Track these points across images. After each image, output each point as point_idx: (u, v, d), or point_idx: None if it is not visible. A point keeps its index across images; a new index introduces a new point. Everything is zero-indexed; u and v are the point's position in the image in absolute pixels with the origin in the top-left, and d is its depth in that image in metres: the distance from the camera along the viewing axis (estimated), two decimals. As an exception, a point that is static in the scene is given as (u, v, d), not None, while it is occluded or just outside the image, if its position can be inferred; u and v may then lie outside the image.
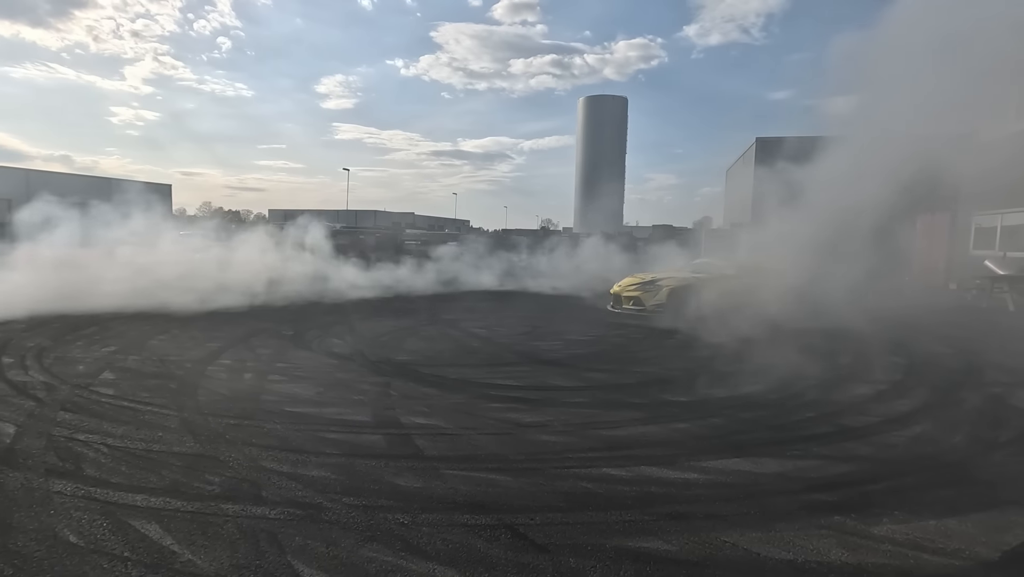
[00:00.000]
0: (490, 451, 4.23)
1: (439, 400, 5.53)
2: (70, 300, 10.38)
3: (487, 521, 3.13)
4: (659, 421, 4.99)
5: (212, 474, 3.69)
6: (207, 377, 6.12)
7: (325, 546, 2.86)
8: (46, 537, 2.87)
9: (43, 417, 4.69)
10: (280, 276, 14.62)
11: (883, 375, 6.57)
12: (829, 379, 6.39)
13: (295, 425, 4.65)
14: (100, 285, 11.23)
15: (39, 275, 11.21)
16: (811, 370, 6.59)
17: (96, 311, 10.16)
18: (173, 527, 3.01)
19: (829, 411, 5.30)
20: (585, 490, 3.56)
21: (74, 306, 10.18)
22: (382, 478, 3.69)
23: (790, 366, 6.59)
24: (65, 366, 6.45)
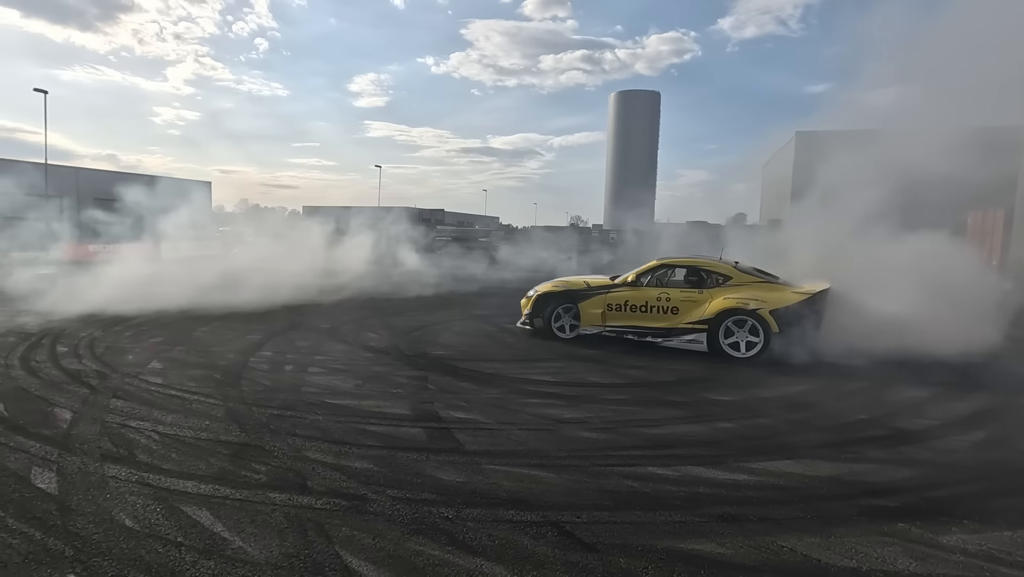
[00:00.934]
0: (530, 447, 4.17)
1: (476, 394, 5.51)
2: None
3: (532, 518, 3.08)
4: (702, 420, 4.86)
5: (258, 463, 3.73)
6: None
7: (372, 538, 2.85)
8: (103, 520, 2.95)
9: (97, 404, 4.84)
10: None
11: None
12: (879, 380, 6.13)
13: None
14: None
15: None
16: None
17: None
18: (223, 514, 3.05)
19: (880, 413, 5.08)
20: (631, 489, 3.48)
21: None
22: (424, 471, 3.67)
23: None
24: (118, 356, 6.66)
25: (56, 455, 3.75)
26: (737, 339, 7.12)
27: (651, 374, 6.51)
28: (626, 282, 7.98)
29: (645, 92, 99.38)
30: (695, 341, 7.35)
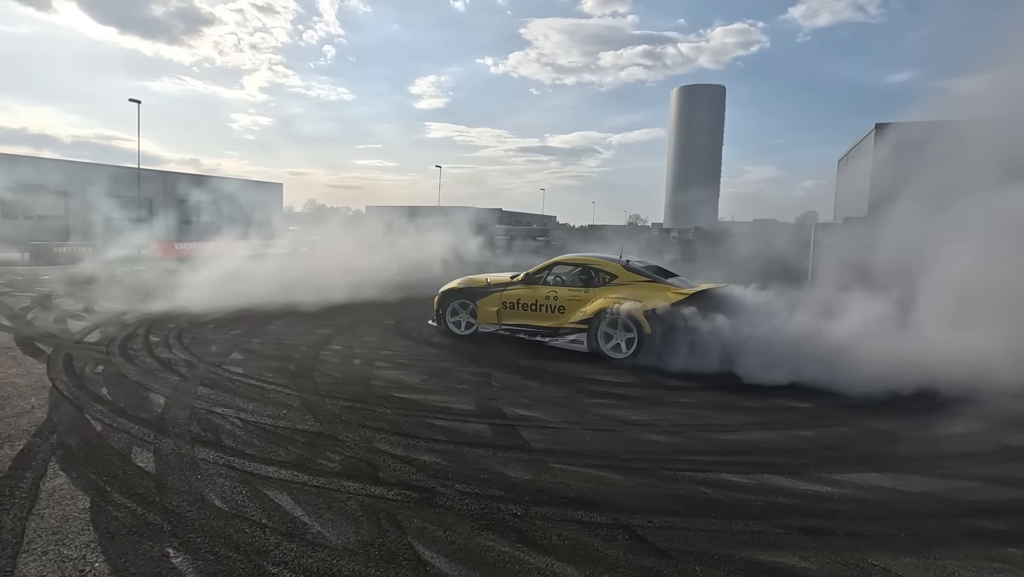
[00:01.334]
0: (596, 447, 4.11)
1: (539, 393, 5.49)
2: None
3: (602, 520, 3.03)
4: (777, 427, 4.63)
5: (332, 452, 3.88)
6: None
7: (443, 531, 2.89)
8: (195, 499, 3.14)
9: (186, 391, 5.19)
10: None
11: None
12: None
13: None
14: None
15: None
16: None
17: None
18: (302, 500, 3.18)
19: (980, 428, 4.66)
20: (704, 495, 3.35)
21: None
22: (491, 467, 3.69)
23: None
24: (203, 347, 7.12)
25: (152, 436, 4.04)
26: (617, 340, 6.84)
27: (720, 378, 6.26)
28: (521, 280, 7.85)
29: (709, 86, 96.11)
30: (577, 341, 7.23)
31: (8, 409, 4.55)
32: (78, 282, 14.12)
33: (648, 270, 7.46)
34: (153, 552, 2.63)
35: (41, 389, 5.10)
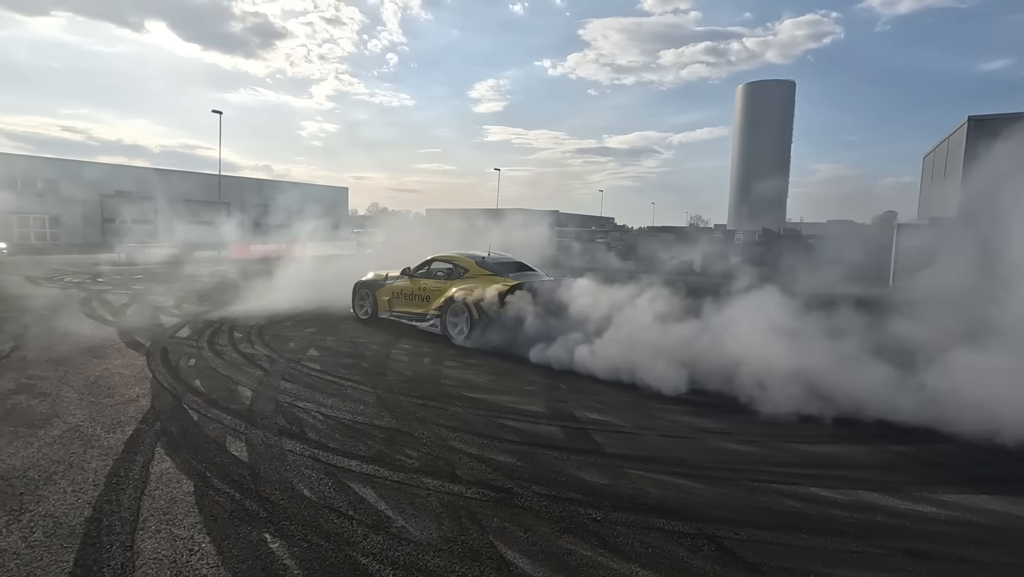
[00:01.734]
0: (673, 454, 4.01)
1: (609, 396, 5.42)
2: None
3: (685, 528, 2.94)
4: (870, 440, 4.35)
5: (410, 448, 3.97)
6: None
7: (523, 531, 2.90)
8: (286, 489, 3.30)
9: (270, 385, 5.47)
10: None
11: None
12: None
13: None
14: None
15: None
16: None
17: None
18: (385, 493, 3.28)
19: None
20: (792, 509, 3.20)
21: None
22: (566, 470, 3.67)
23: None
24: (282, 343, 7.50)
25: (243, 427, 4.28)
26: (458, 324, 7.83)
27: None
28: (406, 275, 9.02)
29: (777, 82, 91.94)
30: (434, 325, 8.27)
31: (116, 397, 4.95)
32: (167, 281, 15.21)
33: (498, 265, 8.46)
34: (252, 536, 2.78)
35: (143, 380, 5.52)
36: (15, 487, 3.23)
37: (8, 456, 3.65)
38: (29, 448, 3.79)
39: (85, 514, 2.93)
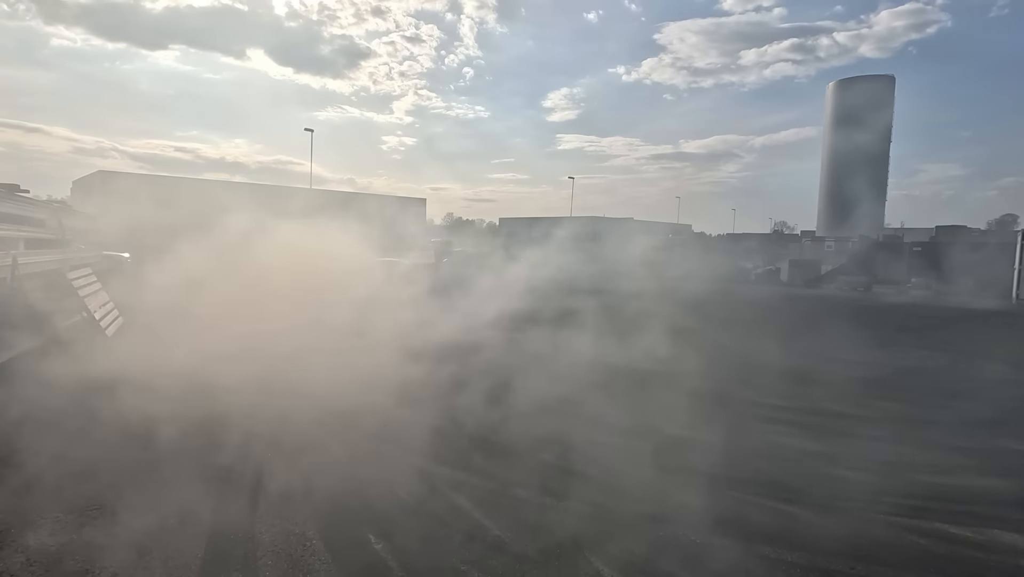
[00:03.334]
0: (773, 478, 3.78)
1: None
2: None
3: (794, 559, 2.77)
4: (1003, 474, 3.90)
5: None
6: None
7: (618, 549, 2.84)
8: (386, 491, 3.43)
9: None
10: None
11: None
12: None
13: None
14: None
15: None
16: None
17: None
18: (474, 497, 3.33)
19: None
20: (918, 546, 2.92)
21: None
22: (661, 489, 3.56)
23: None
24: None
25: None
26: None
27: (911, 408, 5.48)
28: None
29: (874, 77, 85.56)
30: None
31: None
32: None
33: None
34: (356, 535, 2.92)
35: (251, 380, 5.94)
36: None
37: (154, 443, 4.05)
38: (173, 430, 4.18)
39: (211, 504, 3.19)
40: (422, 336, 7.24)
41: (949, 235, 28.16)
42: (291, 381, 5.08)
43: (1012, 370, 7.38)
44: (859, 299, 17.72)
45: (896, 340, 9.82)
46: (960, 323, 12.31)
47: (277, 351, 5.62)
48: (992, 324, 12.27)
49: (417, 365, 5.93)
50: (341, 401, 4.77)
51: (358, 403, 4.77)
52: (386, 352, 6.16)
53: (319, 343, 6.00)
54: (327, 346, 5.99)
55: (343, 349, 6.07)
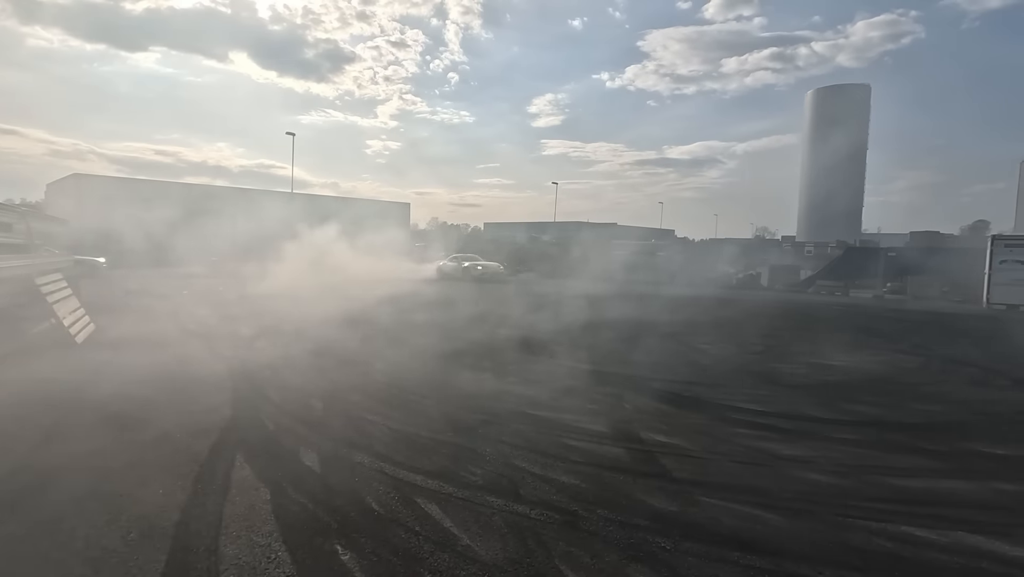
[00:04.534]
0: (747, 482, 3.81)
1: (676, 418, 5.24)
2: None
3: (763, 564, 2.78)
4: (970, 477, 3.97)
5: (474, 465, 3.98)
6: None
7: (590, 557, 2.83)
8: (356, 502, 3.39)
9: (339, 398, 5.66)
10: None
11: None
12: None
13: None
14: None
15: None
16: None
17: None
18: (450, 510, 3.30)
19: None
20: (884, 549, 2.95)
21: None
22: (633, 494, 3.57)
23: None
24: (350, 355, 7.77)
25: (315, 438, 4.44)
26: None
27: (887, 412, 5.56)
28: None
29: (850, 86, 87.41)
30: None
31: (201, 404, 5.26)
32: (244, 292, 16.15)
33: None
34: (325, 547, 2.87)
35: (224, 389, 5.85)
36: (116, 488, 3.48)
37: (109, 458, 3.96)
38: (127, 452, 4.09)
39: (175, 517, 3.12)
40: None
41: (923, 240, 28.78)
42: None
43: (981, 373, 7.54)
44: (836, 303, 18.00)
45: (870, 344, 9.99)
46: (932, 327, 12.57)
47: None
48: (963, 328, 12.54)
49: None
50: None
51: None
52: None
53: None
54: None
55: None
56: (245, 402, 5.38)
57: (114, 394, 5.60)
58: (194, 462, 3.89)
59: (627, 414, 5.33)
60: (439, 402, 5.54)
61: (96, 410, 5.05)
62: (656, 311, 13.89)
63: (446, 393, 5.88)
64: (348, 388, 5.95)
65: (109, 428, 4.58)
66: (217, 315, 11.67)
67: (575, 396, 5.89)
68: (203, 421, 4.79)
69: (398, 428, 4.72)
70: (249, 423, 4.76)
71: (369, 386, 6.10)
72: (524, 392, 5.99)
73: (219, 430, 4.56)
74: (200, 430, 4.55)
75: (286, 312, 11.85)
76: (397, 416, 5.06)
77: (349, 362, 7.31)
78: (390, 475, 3.76)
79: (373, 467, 3.89)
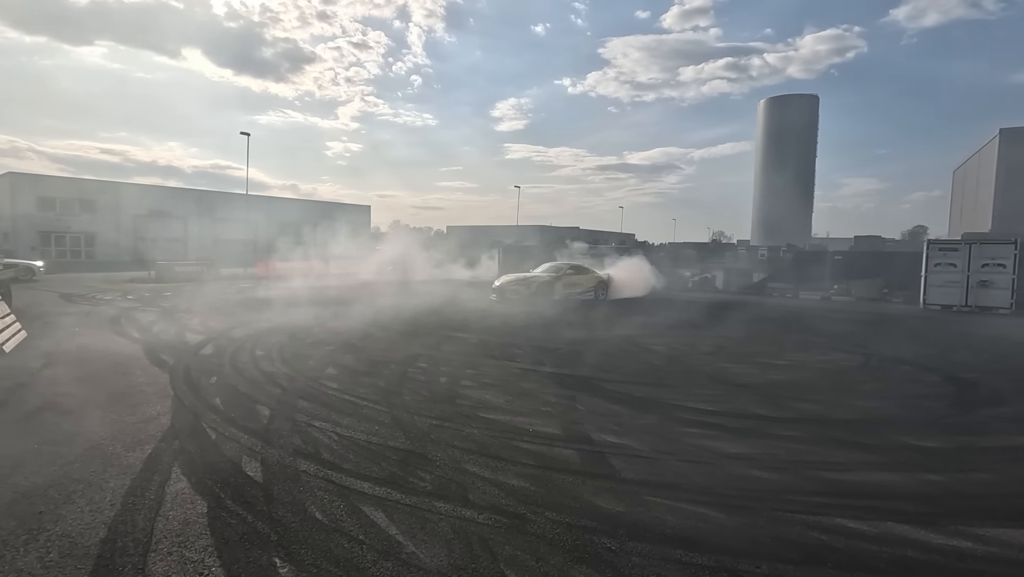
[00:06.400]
0: (693, 481, 3.89)
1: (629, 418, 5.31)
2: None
3: (704, 561, 2.83)
4: (900, 469, 4.17)
5: (423, 471, 3.93)
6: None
7: (535, 560, 2.82)
8: (298, 511, 3.28)
9: (288, 404, 5.50)
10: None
11: None
12: None
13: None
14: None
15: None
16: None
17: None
18: (396, 517, 3.23)
19: None
20: (818, 541, 3.05)
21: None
22: (581, 496, 3.59)
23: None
24: (302, 361, 7.57)
25: (259, 447, 4.29)
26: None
27: (827, 409, 5.78)
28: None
29: (800, 96, 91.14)
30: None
31: (138, 415, 5.02)
32: (194, 298, 15.55)
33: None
34: (262, 560, 2.76)
35: (164, 397, 5.60)
36: (35, 505, 3.27)
37: (31, 473, 3.72)
38: (52, 466, 3.86)
39: (100, 535, 2.95)
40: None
41: (866, 244, 30.21)
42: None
43: (915, 371, 7.94)
44: (786, 304, 18.68)
45: (815, 343, 10.39)
46: (873, 327, 13.17)
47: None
48: (900, 328, 13.19)
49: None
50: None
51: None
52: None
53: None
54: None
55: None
56: (187, 411, 5.16)
57: (41, 405, 5.29)
58: (126, 475, 3.70)
59: (579, 415, 5.37)
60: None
61: (20, 422, 4.76)
62: (613, 314, 14.09)
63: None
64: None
65: (32, 441, 4.31)
66: (166, 320, 11.20)
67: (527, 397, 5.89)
68: (140, 432, 4.57)
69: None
70: (189, 432, 4.57)
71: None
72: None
73: (155, 441, 4.36)
74: (135, 441, 4.34)
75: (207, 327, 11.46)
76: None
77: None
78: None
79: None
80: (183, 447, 4.25)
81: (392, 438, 4.58)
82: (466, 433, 4.73)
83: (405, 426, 4.88)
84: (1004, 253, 17.07)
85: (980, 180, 27.80)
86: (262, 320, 11.33)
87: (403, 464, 4.04)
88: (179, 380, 6.31)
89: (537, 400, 5.89)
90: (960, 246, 17.83)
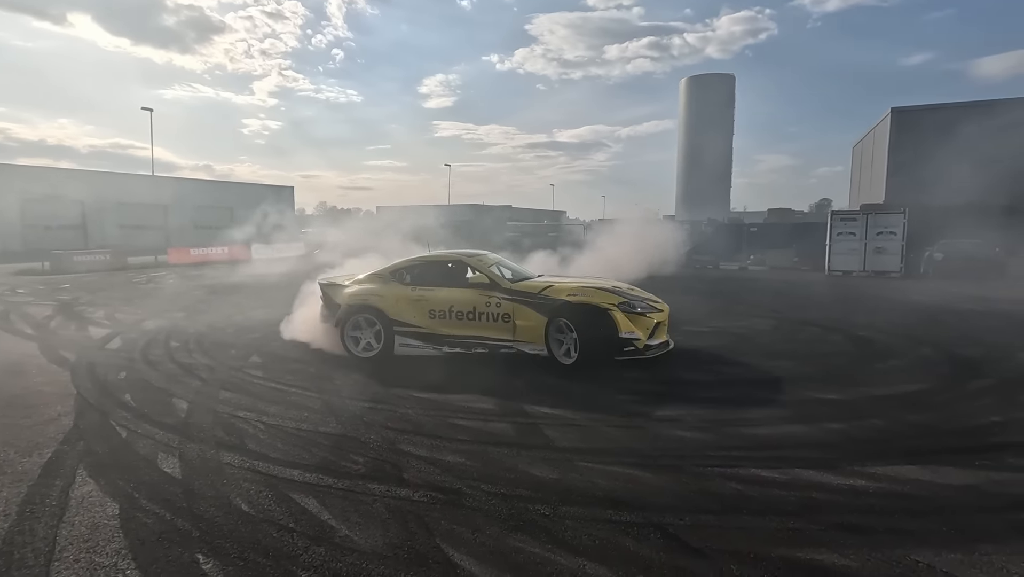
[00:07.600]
0: (623, 445, 4.05)
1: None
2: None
3: (632, 518, 2.97)
4: (807, 421, 4.53)
5: (356, 454, 3.85)
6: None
7: (471, 532, 2.85)
8: (223, 504, 3.14)
9: (208, 395, 5.20)
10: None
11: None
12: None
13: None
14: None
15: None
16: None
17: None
18: (328, 503, 3.16)
19: (1021, 415, 4.52)
20: (735, 491, 3.28)
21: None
22: (516, 467, 3.65)
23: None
24: (221, 350, 7.17)
25: (177, 442, 4.05)
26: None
27: (745, 371, 6.18)
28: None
29: (718, 76, 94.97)
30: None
31: (36, 417, 4.59)
32: (97, 289, 14.32)
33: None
34: (183, 558, 2.62)
35: (67, 397, 5.15)
36: (-88, 523, 2.93)
37: (-95, 489, 3.32)
38: (-70, 479, 3.46)
39: (-7, 548, 2.69)
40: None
41: (778, 217, 32.31)
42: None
43: (822, 332, 8.62)
44: (707, 275, 19.72)
45: (734, 310, 11.05)
46: (784, 293, 14.17)
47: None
48: (808, 293, 14.27)
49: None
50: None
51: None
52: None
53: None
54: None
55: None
56: (93, 410, 4.77)
57: (-84, 414, 4.71)
58: (21, 483, 3.39)
59: (518, 388, 5.44)
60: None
61: None
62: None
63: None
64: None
65: (-93, 454, 3.85)
66: (65, 314, 10.24)
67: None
68: (37, 435, 4.18)
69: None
70: (96, 432, 4.23)
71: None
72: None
73: (56, 443, 4.01)
74: (32, 446, 3.98)
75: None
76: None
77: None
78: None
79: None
80: (89, 448, 3.93)
81: (323, 424, 4.45)
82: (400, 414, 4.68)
83: (336, 411, 4.75)
84: (895, 222, 18.77)
85: (875, 155, 30.25)
86: (176, 309, 10.62)
87: (335, 449, 3.94)
88: (83, 377, 5.82)
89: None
90: (858, 216, 19.42)
